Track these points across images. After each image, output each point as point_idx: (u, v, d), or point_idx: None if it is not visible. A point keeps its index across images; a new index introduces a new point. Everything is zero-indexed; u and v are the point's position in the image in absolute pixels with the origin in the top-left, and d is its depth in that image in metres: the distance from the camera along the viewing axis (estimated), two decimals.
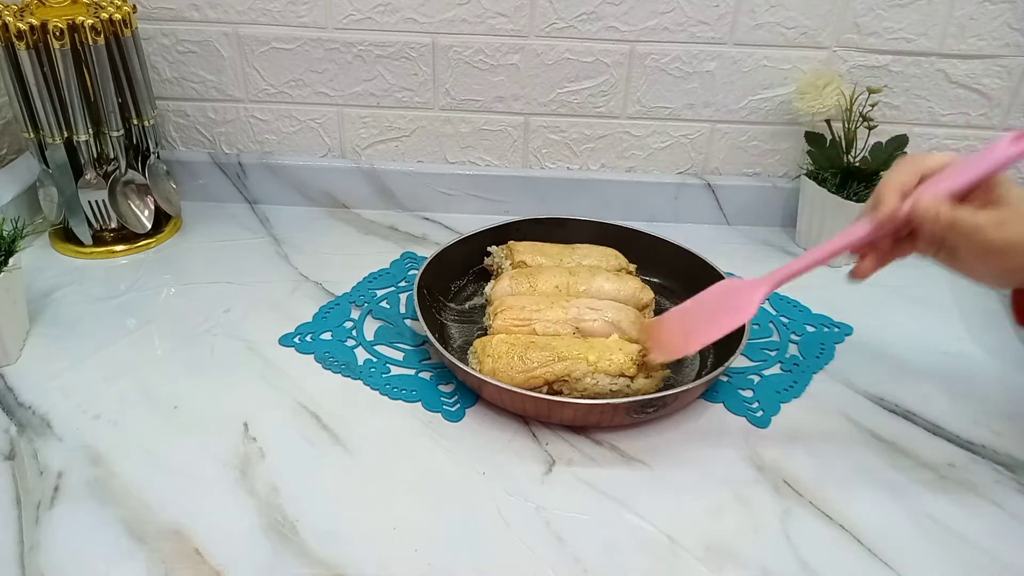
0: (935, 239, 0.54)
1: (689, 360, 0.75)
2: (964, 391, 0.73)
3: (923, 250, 0.57)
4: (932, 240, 0.55)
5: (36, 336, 0.74)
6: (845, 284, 0.88)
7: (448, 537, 0.56)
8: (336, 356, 0.74)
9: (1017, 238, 0.52)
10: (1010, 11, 0.87)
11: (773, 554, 0.56)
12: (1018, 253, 0.52)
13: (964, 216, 0.52)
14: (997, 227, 0.52)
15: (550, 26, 0.89)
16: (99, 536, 0.55)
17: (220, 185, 0.99)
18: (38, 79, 0.78)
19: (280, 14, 0.90)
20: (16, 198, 0.88)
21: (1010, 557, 0.56)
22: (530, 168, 0.99)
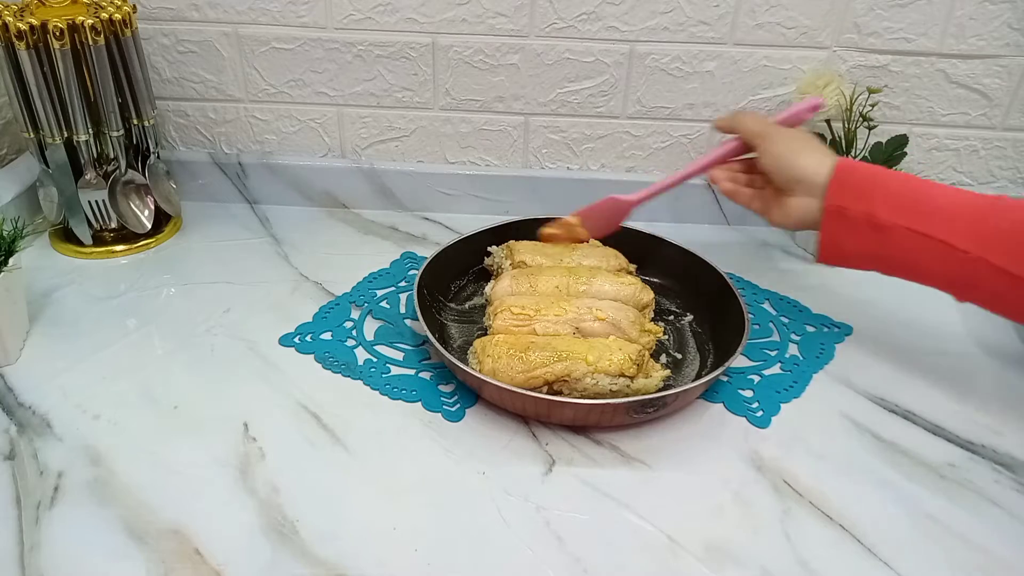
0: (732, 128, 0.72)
1: (689, 360, 0.75)
2: (964, 391, 0.73)
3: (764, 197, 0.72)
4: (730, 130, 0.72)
5: (36, 336, 0.74)
6: (845, 284, 0.89)
7: (448, 537, 0.56)
8: (336, 356, 0.74)
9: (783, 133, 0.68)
10: (1010, 11, 0.87)
11: (773, 554, 0.56)
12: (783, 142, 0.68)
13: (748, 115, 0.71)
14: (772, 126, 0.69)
15: (550, 26, 0.89)
16: (99, 536, 0.55)
17: (220, 185, 0.99)
18: (38, 79, 0.78)
19: (280, 14, 0.90)
20: (16, 198, 0.88)
21: (1010, 557, 0.56)
22: (530, 168, 0.99)
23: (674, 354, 0.76)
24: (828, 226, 0.65)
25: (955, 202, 0.62)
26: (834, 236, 0.65)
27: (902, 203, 0.62)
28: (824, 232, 0.65)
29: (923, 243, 0.61)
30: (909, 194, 0.63)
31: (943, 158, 0.97)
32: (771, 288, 0.86)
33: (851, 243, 0.65)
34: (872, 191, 0.63)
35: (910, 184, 0.64)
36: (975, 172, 0.98)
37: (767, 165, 0.68)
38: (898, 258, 0.64)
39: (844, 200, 0.64)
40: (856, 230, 0.64)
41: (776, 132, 0.68)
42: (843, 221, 0.64)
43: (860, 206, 0.63)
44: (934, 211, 0.61)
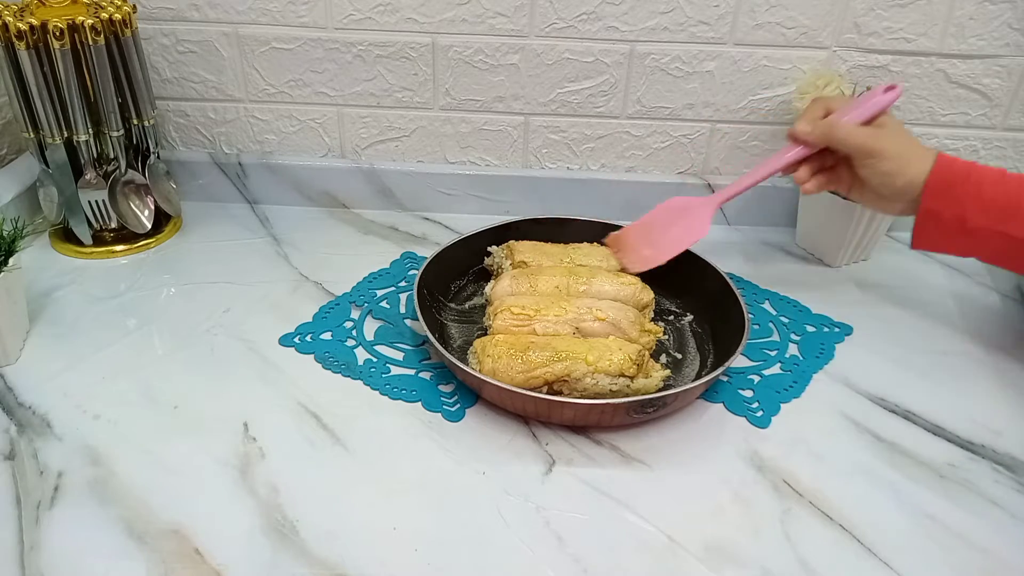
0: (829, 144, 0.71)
1: (689, 360, 0.75)
2: (964, 391, 0.73)
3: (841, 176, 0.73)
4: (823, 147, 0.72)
5: (36, 336, 0.75)
6: (845, 284, 0.89)
7: (448, 537, 0.56)
8: (336, 356, 0.74)
9: (886, 146, 0.68)
10: (1010, 11, 0.87)
11: (773, 554, 0.56)
12: (888, 157, 0.68)
13: (843, 129, 0.70)
14: (872, 137, 0.69)
15: (550, 26, 0.89)
16: (99, 536, 0.55)
17: (220, 185, 0.99)
18: (38, 79, 0.78)
19: (280, 14, 0.90)
20: (16, 198, 0.88)
21: (1010, 557, 0.56)
22: (530, 168, 0.99)
23: (674, 354, 0.76)
24: (922, 225, 0.69)
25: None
26: (927, 234, 0.70)
27: (994, 207, 0.66)
28: (917, 229, 0.70)
29: (1010, 243, 0.66)
30: (1002, 198, 0.66)
31: None
32: (771, 288, 0.86)
33: (944, 241, 0.70)
34: (964, 197, 0.66)
35: (1004, 187, 0.66)
36: None
37: (872, 181, 0.69)
38: (989, 254, 0.70)
39: (938, 204, 0.67)
40: (948, 231, 0.68)
41: (883, 147, 0.68)
42: (936, 223, 0.68)
43: (953, 210, 0.67)
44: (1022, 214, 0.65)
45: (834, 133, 0.70)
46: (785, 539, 0.57)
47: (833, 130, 0.70)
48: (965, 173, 0.67)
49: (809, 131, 0.71)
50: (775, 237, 0.98)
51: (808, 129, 0.72)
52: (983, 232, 0.66)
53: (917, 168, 0.68)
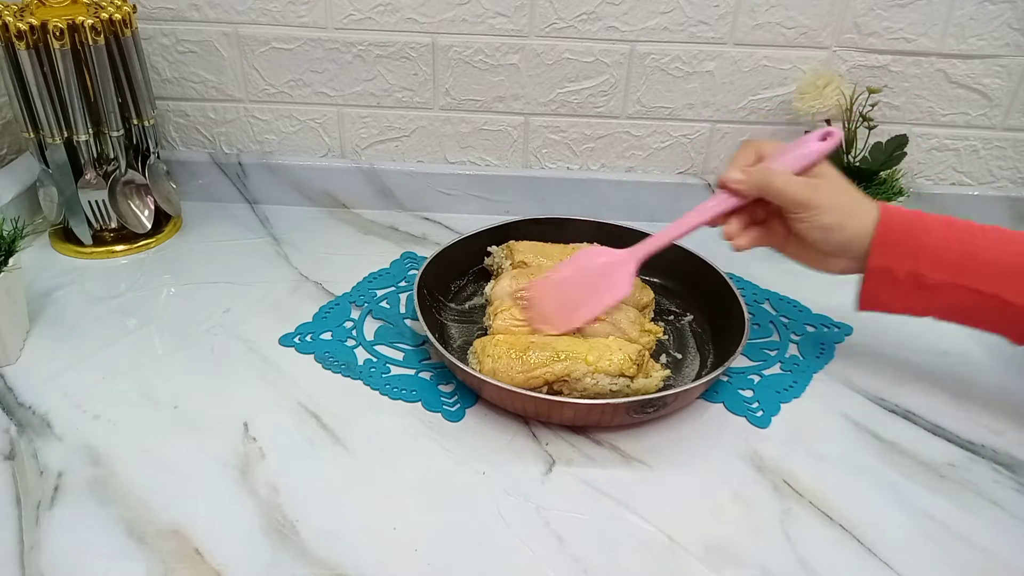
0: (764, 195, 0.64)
1: (689, 360, 0.75)
2: (964, 391, 0.73)
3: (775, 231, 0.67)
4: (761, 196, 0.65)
5: (36, 336, 0.74)
6: (845, 284, 0.89)
7: (448, 537, 0.56)
8: (336, 356, 0.74)
9: (825, 199, 0.63)
10: (1010, 11, 0.87)
11: (773, 554, 0.56)
12: (827, 211, 0.62)
13: (780, 180, 0.63)
14: (809, 188, 0.63)
15: (550, 26, 0.89)
16: (99, 536, 0.55)
17: (220, 185, 0.99)
18: (38, 79, 0.78)
19: (280, 14, 0.90)
20: (16, 198, 0.88)
21: (1010, 557, 0.56)
22: (530, 168, 0.99)
23: (674, 354, 0.76)
24: (871, 285, 0.64)
25: (1003, 252, 0.61)
26: (878, 294, 0.65)
27: (949, 259, 0.61)
28: (867, 289, 0.65)
29: (973, 297, 0.61)
30: (956, 247, 0.61)
31: (943, 158, 0.97)
32: (771, 288, 0.86)
33: (896, 300, 0.65)
34: (917, 250, 0.62)
35: (956, 236, 0.62)
36: (975, 172, 0.98)
37: (810, 236, 0.64)
38: (946, 310, 0.64)
39: (888, 260, 0.62)
40: (901, 289, 0.63)
41: (821, 199, 0.62)
42: (888, 281, 0.63)
43: (906, 266, 0.62)
44: (982, 265, 0.61)
45: (770, 182, 0.63)
46: (785, 539, 0.57)
47: (768, 178, 0.63)
48: (910, 223, 0.62)
49: (742, 179, 0.64)
50: None
51: (741, 177, 0.64)
52: (942, 287, 0.61)
53: (860, 221, 0.63)
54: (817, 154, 0.64)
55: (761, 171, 0.64)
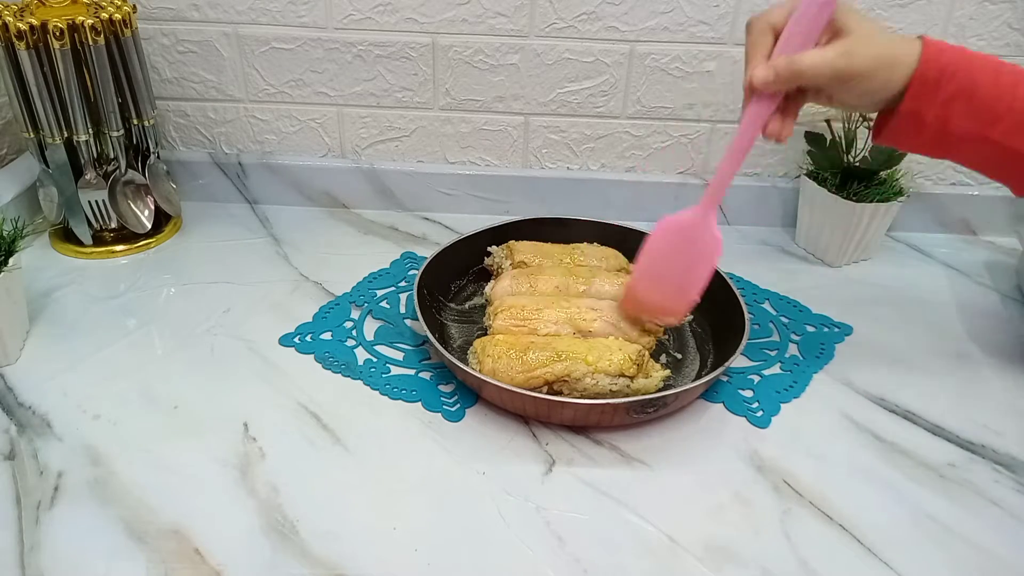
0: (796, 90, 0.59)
1: (689, 360, 0.75)
2: (964, 391, 0.73)
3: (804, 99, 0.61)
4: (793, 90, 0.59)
5: (36, 336, 0.74)
6: (845, 284, 0.89)
7: (448, 537, 0.56)
8: (336, 356, 0.74)
9: (864, 63, 0.57)
10: (1010, 11, 0.87)
11: (773, 554, 0.56)
12: (869, 75, 0.57)
13: (809, 61, 0.57)
14: (844, 57, 0.56)
15: (550, 26, 0.89)
16: (99, 536, 0.55)
17: (220, 185, 0.99)
18: (38, 79, 0.78)
19: (280, 14, 0.90)
20: (16, 198, 0.88)
21: (1010, 557, 0.56)
22: (530, 168, 0.99)
23: (674, 354, 0.76)
24: (898, 125, 0.59)
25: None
26: (900, 135, 0.60)
27: (984, 108, 0.57)
28: (892, 128, 0.60)
29: (996, 150, 0.58)
30: (993, 98, 0.57)
31: None
32: (771, 288, 0.86)
33: (914, 142, 0.61)
34: (953, 97, 0.57)
35: (998, 86, 0.57)
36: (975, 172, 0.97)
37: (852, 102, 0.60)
38: (965, 158, 0.61)
39: (920, 104, 0.57)
40: (926, 133, 0.59)
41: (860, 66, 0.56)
42: (914, 124, 0.59)
43: (936, 111, 0.57)
44: (1018, 124, 0.57)
45: (801, 70, 0.57)
46: (785, 539, 0.57)
47: (798, 67, 0.57)
48: (954, 66, 0.57)
49: (771, 77, 0.58)
50: (775, 237, 0.98)
51: (770, 76, 0.58)
52: (964, 137, 0.58)
53: (902, 70, 0.57)
54: (833, 4, 0.57)
55: (789, 62, 0.57)
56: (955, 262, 0.93)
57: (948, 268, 0.92)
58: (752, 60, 0.60)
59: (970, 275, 0.91)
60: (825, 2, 0.57)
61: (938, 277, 0.91)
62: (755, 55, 0.59)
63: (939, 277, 0.91)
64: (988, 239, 0.98)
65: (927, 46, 0.57)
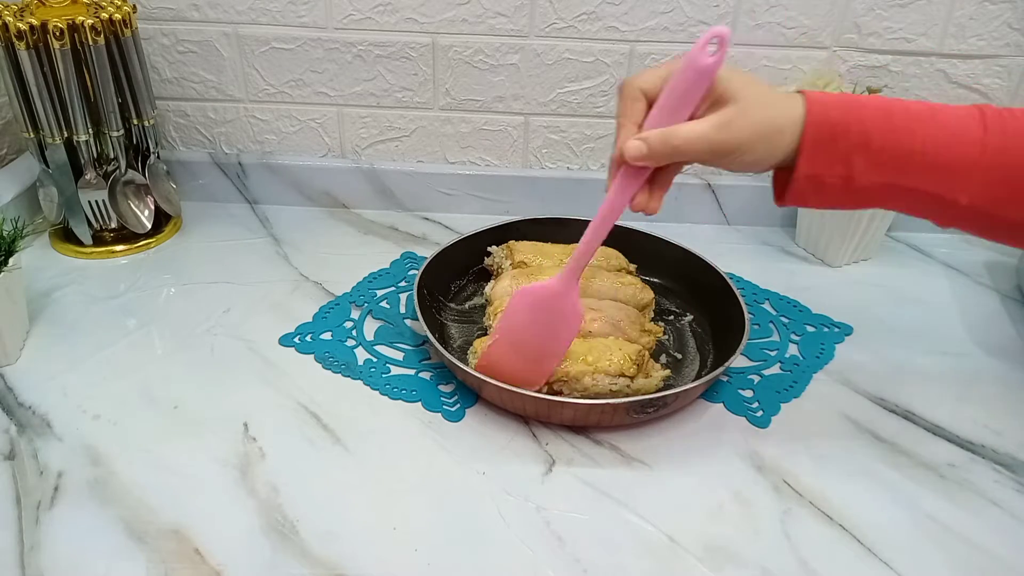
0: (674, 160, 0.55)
1: (689, 360, 0.75)
2: (964, 391, 0.73)
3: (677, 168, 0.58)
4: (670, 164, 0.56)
5: (36, 336, 0.74)
6: (845, 284, 0.89)
7: (448, 537, 0.56)
8: (336, 356, 0.74)
9: (743, 135, 0.53)
10: (1010, 11, 0.87)
11: (773, 554, 0.56)
12: (750, 147, 0.53)
13: (684, 136, 0.53)
14: (721, 130, 0.53)
15: (550, 26, 0.89)
16: (99, 536, 0.55)
17: (220, 185, 0.99)
18: (38, 79, 0.78)
19: (280, 14, 0.90)
20: (16, 198, 0.88)
21: (1010, 557, 0.56)
22: (530, 168, 0.99)
23: (674, 354, 0.76)
24: (797, 188, 0.55)
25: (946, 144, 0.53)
26: (803, 198, 0.56)
27: (886, 158, 0.53)
28: (792, 193, 0.56)
29: (909, 195, 0.54)
30: (893, 147, 0.53)
31: None
32: (771, 288, 0.86)
33: (823, 201, 0.57)
34: (850, 153, 0.53)
35: (894, 132, 0.53)
36: None
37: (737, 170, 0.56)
38: (876, 204, 0.57)
39: (817, 167, 0.54)
40: (830, 192, 0.55)
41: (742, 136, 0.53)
42: (815, 185, 0.55)
43: (837, 170, 0.54)
44: (926, 167, 0.53)
45: (676, 146, 0.53)
46: (785, 539, 0.57)
47: (672, 142, 0.53)
48: (845, 121, 0.53)
49: (644, 151, 0.54)
50: (775, 237, 0.98)
51: (642, 150, 0.54)
52: (873, 188, 0.54)
53: (788, 135, 0.53)
54: (712, 74, 0.52)
55: (663, 136, 0.53)
56: (955, 262, 0.93)
57: (948, 268, 0.92)
58: (622, 129, 0.56)
59: (970, 275, 0.91)
60: (703, 71, 0.51)
61: (938, 277, 0.91)
62: (625, 124, 0.56)
63: (939, 277, 0.91)
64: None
65: (811, 104, 0.53)
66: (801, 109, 0.53)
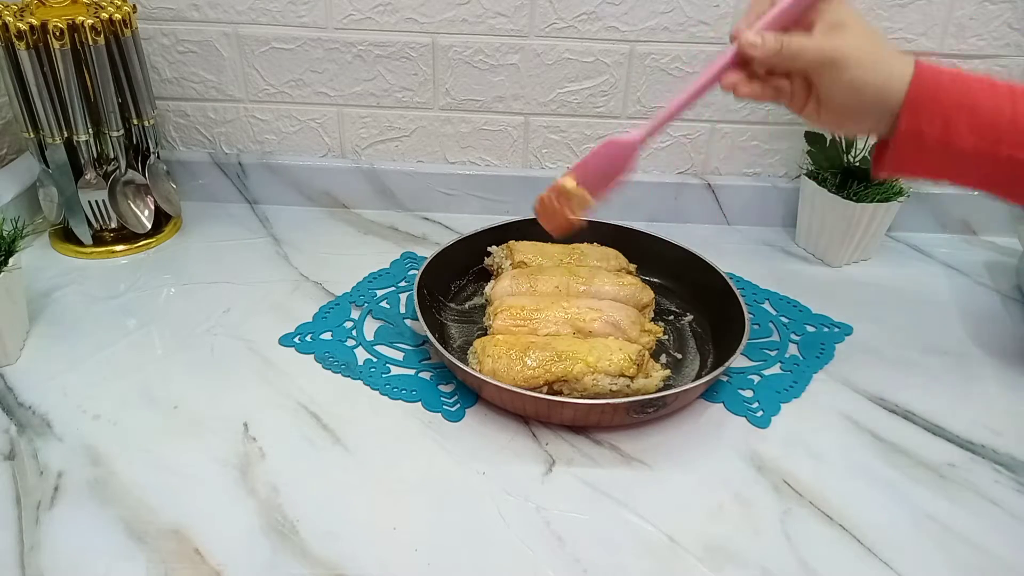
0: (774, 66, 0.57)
1: (689, 360, 0.75)
2: (964, 391, 0.73)
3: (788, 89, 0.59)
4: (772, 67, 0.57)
5: (36, 336, 0.74)
6: (845, 284, 0.89)
7: (448, 537, 0.56)
8: (336, 356, 0.74)
9: (850, 46, 0.54)
10: (1010, 11, 0.87)
11: (773, 554, 0.56)
12: (857, 62, 0.55)
13: (798, 41, 0.55)
14: (831, 35, 0.55)
15: (550, 26, 0.89)
16: (99, 536, 0.55)
17: (220, 185, 0.99)
18: (38, 79, 0.78)
19: (280, 14, 0.90)
20: (16, 198, 0.88)
21: (1010, 557, 0.56)
22: (530, 168, 0.99)
23: (674, 354, 0.76)
24: (899, 150, 0.57)
25: None
26: (903, 160, 0.58)
27: (988, 123, 0.54)
28: (893, 152, 0.58)
29: (1005, 164, 0.55)
30: (995, 112, 0.54)
31: None
32: (771, 288, 0.86)
33: (922, 166, 0.58)
34: (954, 112, 0.54)
35: (997, 98, 0.55)
36: None
37: (834, 95, 0.57)
38: (975, 179, 0.58)
39: (920, 121, 0.55)
40: (930, 154, 0.56)
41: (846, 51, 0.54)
42: (917, 145, 0.56)
43: (938, 129, 0.55)
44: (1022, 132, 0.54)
45: (786, 46, 0.55)
46: (785, 539, 0.57)
47: (785, 46, 0.55)
48: (952, 81, 0.55)
49: (759, 44, 0.55)
50: (775, 237, 0.98)
51: (757, 41, 0.55)
52: (971, 155, 0.55)
53: (890, 75, 0.55)
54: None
55: (778, 39, 0.55)
56: (955, 262, 0.93)
57: (948, 268, 0.92)
58: (748, 15, 0.57)
59: (970, 275, 0.91)
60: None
61: (938, 277, 0.91)
62: (750, 13, 0.57)
63: (939, 277, 0.91)
64: (988, 239, 0.98)
65: (919, 63, 0.56)
66: (911, 66, 0.55)
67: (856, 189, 0.87)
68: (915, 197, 0.93)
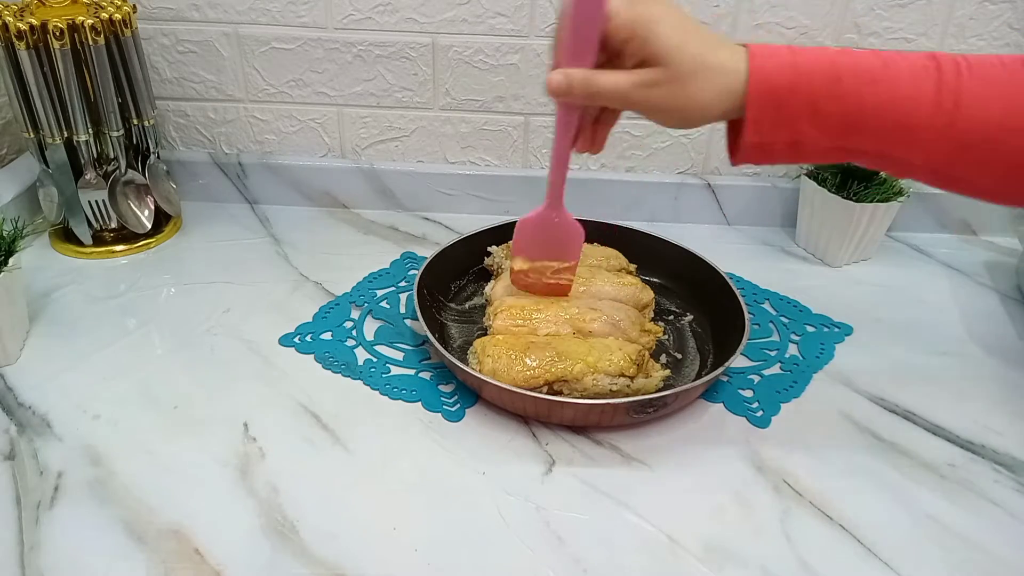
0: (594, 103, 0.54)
1: (689, 360, 0.75)
2: (964, 391, 0.73)
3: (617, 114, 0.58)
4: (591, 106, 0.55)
5: (36, 336, 0.74)
6: (845, 284, 0.89)
7: (448, 537, 0.56)
8: (336, 356, 0.74)
9: (662, 102, 0.51)
10: (1010, 11, 0.87)
11: (773, 554, 0.56)
12: (668, 115, 0.53)
13: (604, 83, 0.51)
14: (641, 89, 0.51)
15: (550, 26, 0.89)
16: (99, 536, 0.55)
17: (220, 185, 0.99)
18: (38, 79, 0.78)
19: (280, 14, 0.90)
20: (16, 198, 0.88)
21: (1010, 557, 0.56)
22: (530, 168, 0.99)
23: (674, 354, 0.76)
24: (746, 156, 0.55)
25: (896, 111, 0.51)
26: (754, 161, 0.55)
27: (834, 124, 0.52)
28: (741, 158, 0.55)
29: (861, 156, 0.54)
30: (839, 112, 0.51)
31: None
32: (771, 288, 0.86)
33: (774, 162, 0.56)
34: (797, 118, 0.51)
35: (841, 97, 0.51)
36: None
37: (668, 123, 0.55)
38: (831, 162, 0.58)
39: (764, 135, 0.52)
40: (779, 155, 0.54)
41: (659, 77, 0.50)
42: (765, 151, 0.54)
43: (784, 137, 0.52)
44: (876, 130, 0.51)
45: (595, 90, 0.51)
46: (785, 539, 0.57)
47: (593, 85, 0.51)
48: (790, 87, 0.51)
49: (565, 86, 0.51)
50: (775, 237, 0.98)
51: (563, 84, 0.51)
52: (823, 151, 0.53)
53: (721, 109, 0.52)
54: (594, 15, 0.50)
55: (585, 78, 0.51)
56: (955, 262, 0.93)
57: (948, 268, 0.92)
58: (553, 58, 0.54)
59: (970, 275, 0.91)
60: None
61: (938, 277, 0.91)
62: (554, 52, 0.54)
63: (939, 277, 0.91)
64: (988, 239, 0.98)
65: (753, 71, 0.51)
66: (743, 76, 0.51)
67: (856, 189, 0.87)
68: (915, 197, 0.93)
